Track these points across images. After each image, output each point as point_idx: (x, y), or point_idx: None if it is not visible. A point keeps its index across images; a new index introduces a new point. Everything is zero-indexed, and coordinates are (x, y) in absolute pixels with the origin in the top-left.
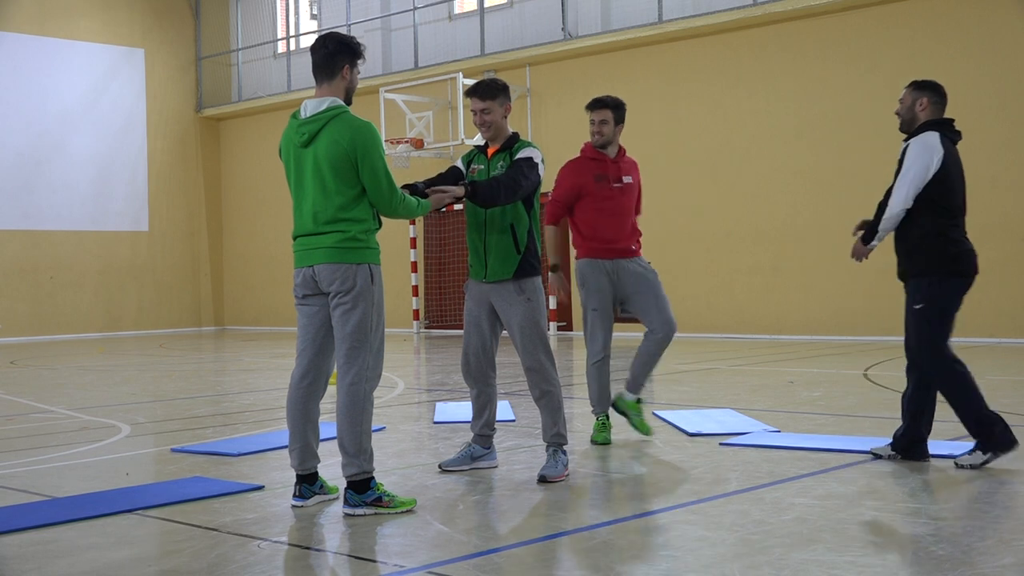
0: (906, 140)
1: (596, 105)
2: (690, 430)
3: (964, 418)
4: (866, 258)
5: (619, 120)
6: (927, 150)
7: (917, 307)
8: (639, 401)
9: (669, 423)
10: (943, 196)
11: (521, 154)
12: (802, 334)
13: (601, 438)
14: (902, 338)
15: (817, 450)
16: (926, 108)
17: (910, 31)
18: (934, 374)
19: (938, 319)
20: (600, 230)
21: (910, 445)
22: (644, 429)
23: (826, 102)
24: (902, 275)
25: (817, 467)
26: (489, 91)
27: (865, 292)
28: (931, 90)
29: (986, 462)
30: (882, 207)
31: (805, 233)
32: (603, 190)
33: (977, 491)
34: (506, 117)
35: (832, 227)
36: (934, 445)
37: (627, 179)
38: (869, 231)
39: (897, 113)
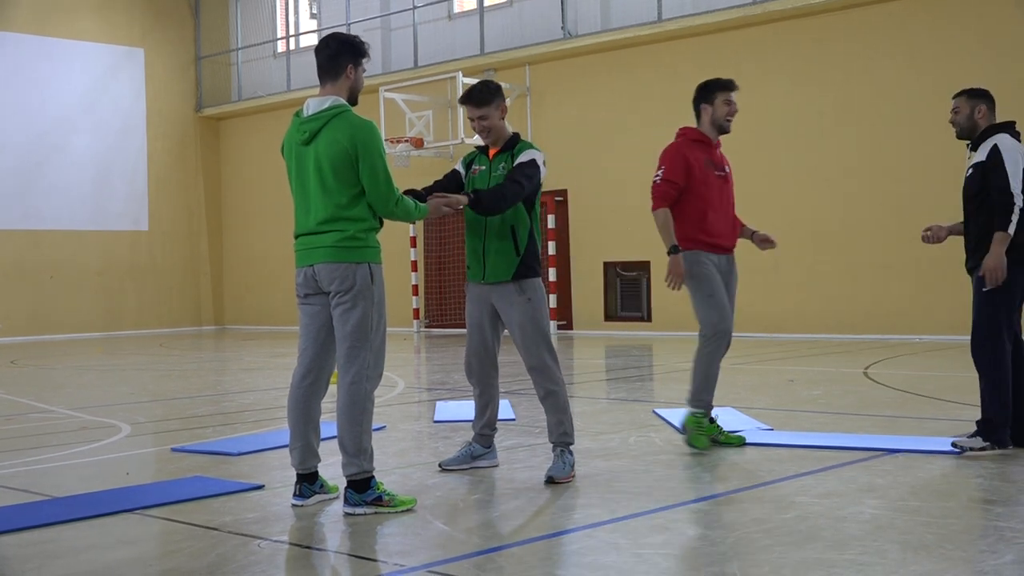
0: (971, 145)
1: (734, 87)
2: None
3: (986, 402)
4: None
5: None
6: (1015, 149)
7: (986, 289)
8: (706, 416)
9: (666, 421)
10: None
11: (523, 156)
12: (802, 333)
13: (701, 443)
14: (902, 337)
15: (817, 448)
16: (984, 115)
17: (909, 30)
18: (981, 355)
19: (1003, 303)
20: (709, 224)
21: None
22: (699, 443)
23: (825, 101)
24: (972, 268)
25: (817, 465)
26: (483, 97)
27: (865, 291)
28: (986, 97)
29: (983, 449)
30: (997, 207)
31: (805, 231)
32: (710, 177)
33: (978, 489)
34: (503, 118)
35: (832, 225)
36: (933, 442)
37: (728, 169)
38: (1000, 223)
39: (953, 123)
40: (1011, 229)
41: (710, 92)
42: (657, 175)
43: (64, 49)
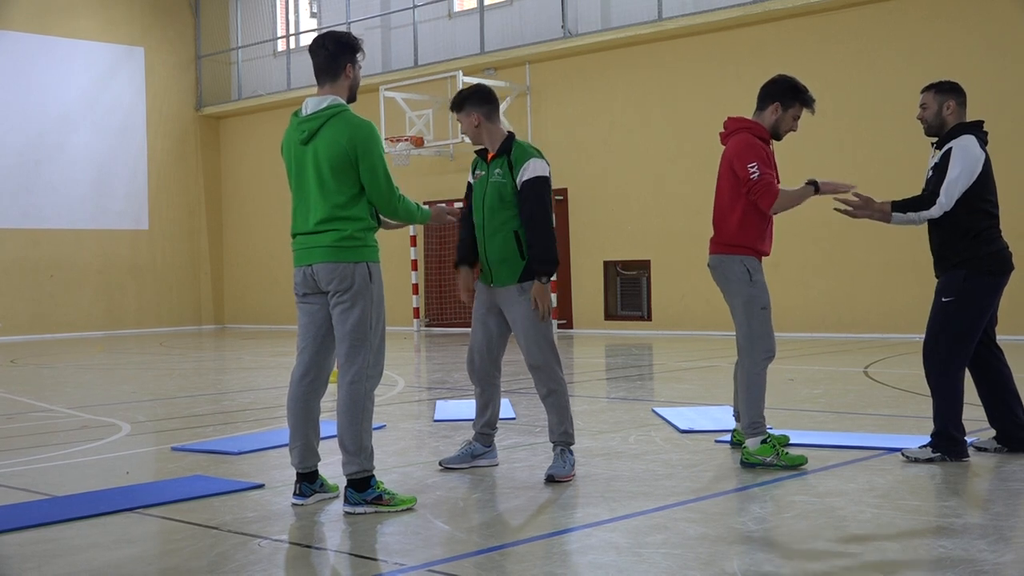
0: (937, 143)
1: (812, 110)
2: (682, 427)
3: (938, 419)
4: (866, 216)
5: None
6: (971, 154)
7: (946, 300)
8: (765, 439)
9: (666, 420)
10: (982, 197)
11: (527, 172)
12: (802, 331)
13: (799, 459)
14: (903, 335)
15: (817, 447)
16: (953, 111)
17: (909, 28)
18: (935, 370)
19: (965, 315)
20: (768, 229)
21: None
22: (794, 460)
23: (825, 99)
24: (938, 275)
25: (818, 464)
26: (455, 104)
27: (866, 290)
28: (955, 92)
29: (930, 460)
30: (923, 199)
31: (804, 230)
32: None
33: (978, 489)
34: (482, 124)
35: (832, 224)
36: (917, 441)
37: None
38: (903, 208)
39: (921, 119)
40: (898, 220)
41: (792, 97)
42: (753, 173)
43: (64, 48)
